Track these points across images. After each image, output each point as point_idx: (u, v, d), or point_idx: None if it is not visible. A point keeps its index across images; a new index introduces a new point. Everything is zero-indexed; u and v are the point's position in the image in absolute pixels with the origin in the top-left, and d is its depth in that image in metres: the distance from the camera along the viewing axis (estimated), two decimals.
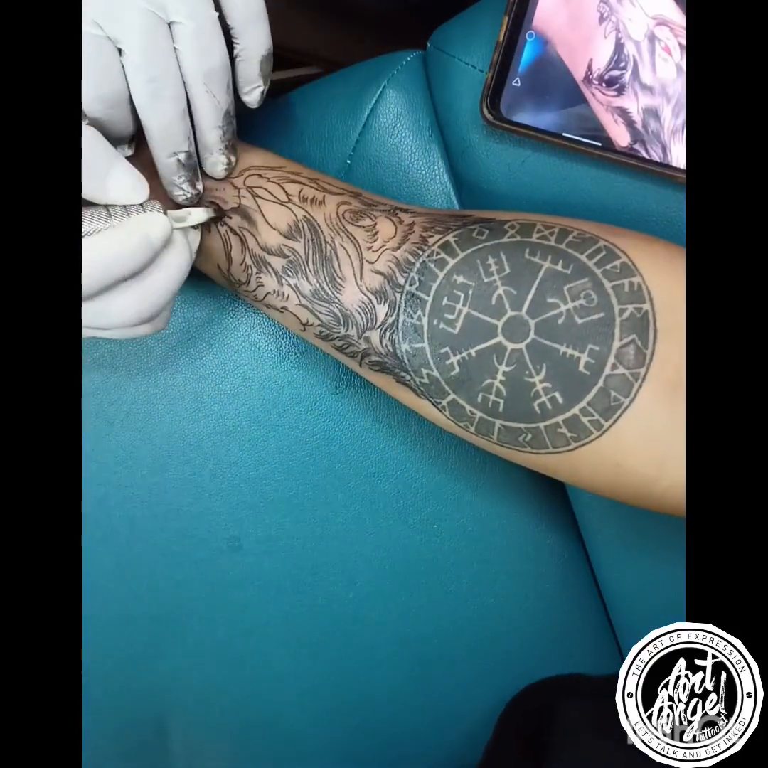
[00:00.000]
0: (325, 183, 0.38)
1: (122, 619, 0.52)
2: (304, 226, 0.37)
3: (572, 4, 0.37)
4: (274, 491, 0.49)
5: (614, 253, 0.33)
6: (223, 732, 0.54)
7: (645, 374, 0.32)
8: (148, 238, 0.32)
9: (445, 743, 0.53)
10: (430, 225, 0.36)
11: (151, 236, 0.32)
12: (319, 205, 0.37)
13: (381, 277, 0.36)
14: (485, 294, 0.34)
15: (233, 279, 0.39)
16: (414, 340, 0.35)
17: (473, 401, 0.35)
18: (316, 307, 0.37)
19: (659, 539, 0.47)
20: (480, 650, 0.52)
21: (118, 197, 0.33)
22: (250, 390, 0.48)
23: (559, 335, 0.33)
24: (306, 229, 0.37)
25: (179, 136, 0.35)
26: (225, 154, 0.37)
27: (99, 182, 0.32)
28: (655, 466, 0.33)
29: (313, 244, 0.37)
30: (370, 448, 0.49)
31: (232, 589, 0.51)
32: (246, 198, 0.38)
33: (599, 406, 0.33)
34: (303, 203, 0.37)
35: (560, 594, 0.52)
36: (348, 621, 0.51)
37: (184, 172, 0.36)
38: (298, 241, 0.37)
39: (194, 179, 0.36)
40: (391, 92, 0.44)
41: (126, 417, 0.49)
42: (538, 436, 0.34)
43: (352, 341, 0.37)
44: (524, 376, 0.34)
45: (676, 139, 0.38)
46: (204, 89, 0.34)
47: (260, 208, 0.37)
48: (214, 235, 0.38)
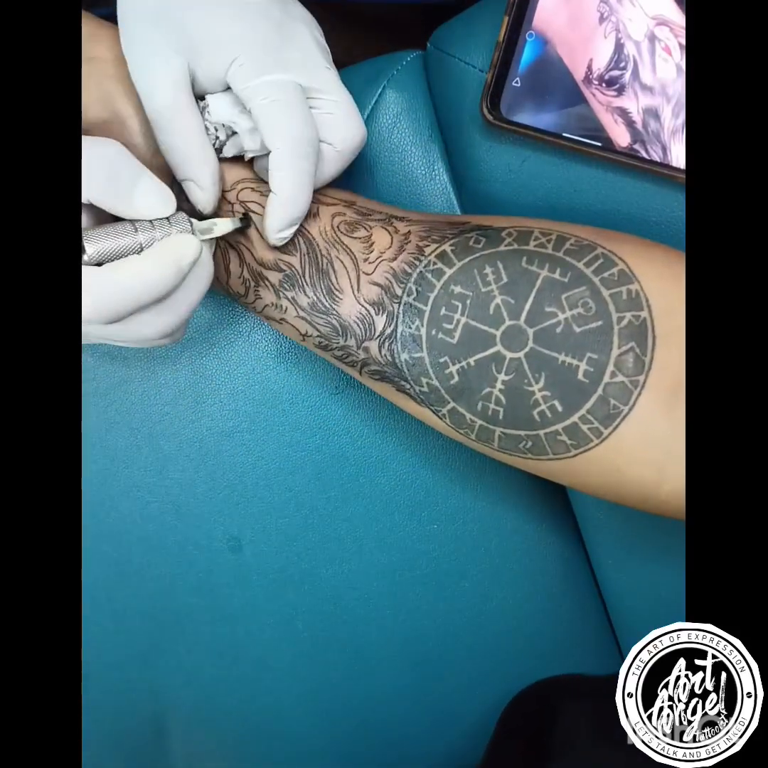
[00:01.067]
0: (318, 193, 0.38)
1: (122, 618, 0.52)
2: (299, 239, 0.37)
3: (572, 4, 0.37)
4: (274, 491, 0.49)
5: (612, 261, 0.33)
6: (223, 732, 0.54)
7: (644, 381, 0.32)
8: (179, 265, 0.32)
9: (446, 743, 0.53)
10: (426, 234, 0.36)
11: (182, 262, 0.32)
12: (313, 217, 0.37)
13: (378, 288, 0.36)
14: (483, 303, 0.34)
15: (232, 291, 0.39)
16: (413, 350, 0.35)
17: (473, 409, 0.35)
18: (314, 319, 0.37)
19: (659, 540, 0.47)
20: (480, 650, 0.52)
21: (144, 211, 0.32)
22: (250, 390, 0.48)
23: (557, 344, 0.33)
24: (301, 243, 0.37)
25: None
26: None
27: (125, 196, 0.31)
28: (656, 471, 0.33)
29: (309, 258, 0.37)
30: (370, 448, 0.49)
31: (232, 589, 0.51)
32: (239, 212, 0.37)
33: (599, 413, 0.33)
34: None
35: (560, 594, 0.52)
36: (348, 621, 0.51)
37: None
38: (294, 255, 0.37)
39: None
40: (391, 92, 0.44)
41: (126, 417, 0.49)
42: (538, 443, 0.34)
43: (351, 351, 0.37)
44: (523, 385, 0.34)
45: (676, 139, 0.37)
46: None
47: (254, 223, 0.37)
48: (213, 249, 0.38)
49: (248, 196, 0.37)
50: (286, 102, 0.34)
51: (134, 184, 0.32)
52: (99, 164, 0.31)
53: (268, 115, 0.34)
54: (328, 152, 0.36)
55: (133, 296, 0.31)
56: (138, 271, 0.31)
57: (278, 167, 0.34)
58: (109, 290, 0.30)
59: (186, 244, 0.32)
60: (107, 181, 0.31)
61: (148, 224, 0.32)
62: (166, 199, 0.32)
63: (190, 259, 0.32)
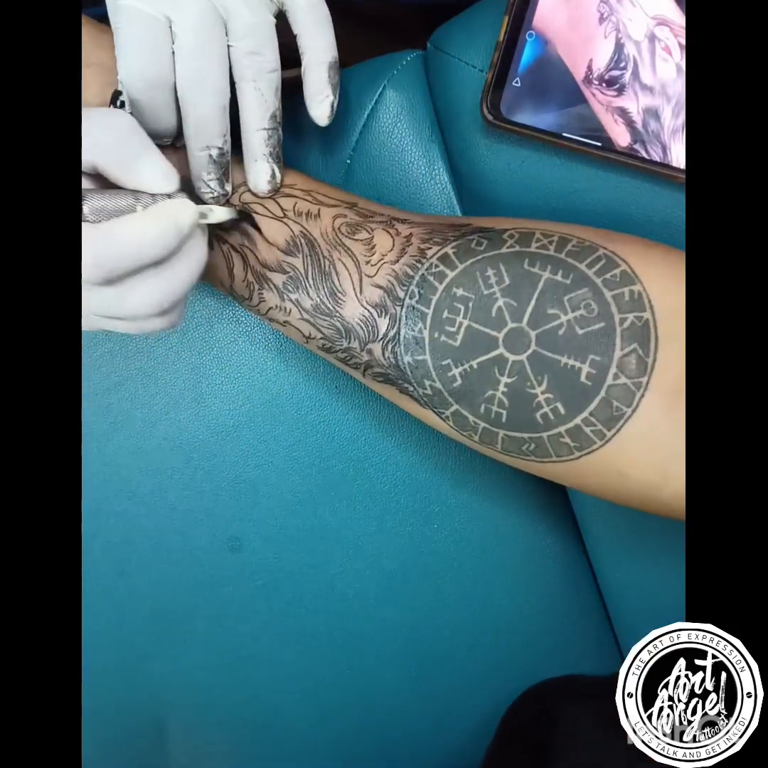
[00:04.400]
0: (320, 194, 0.38)
1: (121, 619, 0.52)
2: (302, 241, 0.37)
3: (572, 4, 0.37)
4: (274, 491, 0.49)
5: (614, 262, 0.33)
6: (223, 732, 0.54)
7: (647, 383, 0.32)
8: (177, 225, 0.31)
9: (446, 743, 0.53)
10: (427, 236, 0.36)
11: (180, 223, 0.31)
12: (314, 219, 0.37)
13: (380, 290, 0.36)
14: (485, 306, 0.34)
15: (236, 294, 0.39)
16: (416, 352, 0.35)
17: (476, 412, 0.35)
18: (317, 321, 0.37)
19: (659, 539, 0.47)
20: (480, 651, 0.52)
21: (147, 182, 0.32)
22: (250, 390, 0.48)
23: (560, 346, 0.33)
24: (303, 245, 0.37)
25: (215, 130, 0.35)
26: (269, 163, 0.37)
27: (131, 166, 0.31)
28: (659, 473, 0.33)
29: (311, 260, 0.37)
30: (371, 448, 0.49)
31: (232, 589, 0.51)
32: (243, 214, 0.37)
33: (602, 415, 0.33)
34: (298, 218, 0.37)
35: (560, 594, 0.52)
36: (348, 621, 0.51)
37: (214, 169, 0.36)
38: (297, 256, 0.37)
39: (224, 179, 0.36)
40: (391, 92, 0.44)
41: (126, 417, 0.49)
42: (541, 445, 0.34)
43: (354, 353, 0.37)
44: (526, 387, 0.34)
45: (676, 139, 0.37)
46: (253, 86, 0.35)
47: (257, 225, 0.37)
48: (217, 253, 0.38)
49: (251, 198, 0.38)
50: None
51: (141, 156, 0.32)
52: (110, 132, 0.31)
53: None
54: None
55: (133, 252, 0.30)
56: (138, 227, 0.30)
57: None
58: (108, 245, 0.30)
59: (185, 206, 0.32)
60: (116, 149, 0.31)
61: (148, 197, 0.32)
62: (171, 175, 0.32)
63: (187, 220, 0.31)
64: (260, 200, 0.37)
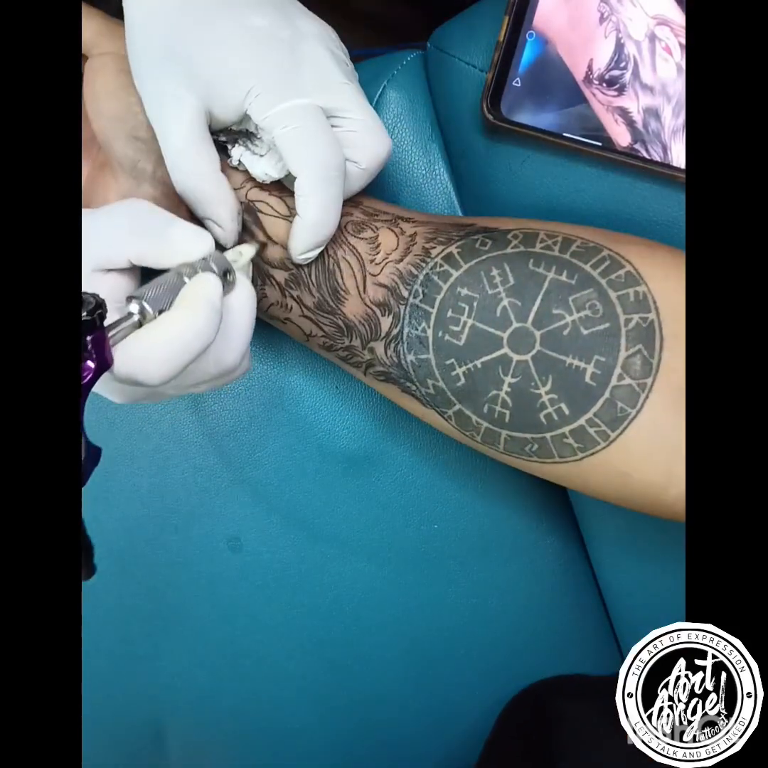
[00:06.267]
0: None
1: (120, 619, 0.52)
2: None
3: (572, 4, 0.37)
4: (274, 491, 0.49)
5: (619, 262, 0.33)
6: (222, 733, 0.54)
7: (651, 384, 0.32)
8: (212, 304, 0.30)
9: (445, 743, 0.53)
10: (432, 235, 0.36)
11: (213, 300, 0.30)
12: None
13: (384, 289, 0.36)
14: (490, 306, 0.34)
15: None
16: (419, 351, 0.35)
17: (479, 412, 0.35)
18: (319, 318, 0.37)
19: (659, 539, 0.47)
20: (480, 650, 0.52)
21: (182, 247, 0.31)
22: (250, 390, 0.48)
23: (564, 346, 0.33)
24: None
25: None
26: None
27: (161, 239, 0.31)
28: (663, 474, 0.33)
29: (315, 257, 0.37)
30: (371, 448, 0.49)
31: (232, 589, 0.51)
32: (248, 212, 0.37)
33: (606, 416, 0.32)
34: None
35: (560, 594, 0.52)
36: (348, 621, 0.51)
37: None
38: None
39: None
40: (391, 92, 0.44)
41: (126, 417, 0.49)
42: (544, 446, 0.34)
43: (356, 352, 0.37)
44: (530, 388, 0.33)
45: (677, 139, 0.37)
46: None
47: (262, 222, 0.37)
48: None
49: (257, 195, 0.37)
50: (306, 128, 0.33)
51: (170, 226, 0.31)
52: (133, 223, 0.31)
53: (291, 144, 0.33)
54: (353, 170, 0.35)
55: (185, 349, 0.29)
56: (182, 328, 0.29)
57: (304, 193, 0.34)
58: (160, 351, 0.29)
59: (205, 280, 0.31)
60: (143, 231, 0.31)
61: (189, 267, 0.31)
62: (201, 233, 0.32)
63: (215, 291, 0.30)
64: (266, 198, 0.37)
